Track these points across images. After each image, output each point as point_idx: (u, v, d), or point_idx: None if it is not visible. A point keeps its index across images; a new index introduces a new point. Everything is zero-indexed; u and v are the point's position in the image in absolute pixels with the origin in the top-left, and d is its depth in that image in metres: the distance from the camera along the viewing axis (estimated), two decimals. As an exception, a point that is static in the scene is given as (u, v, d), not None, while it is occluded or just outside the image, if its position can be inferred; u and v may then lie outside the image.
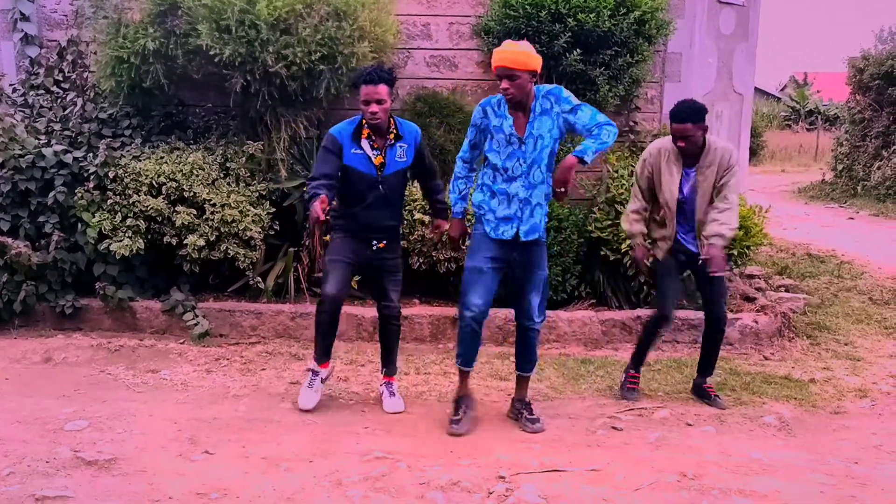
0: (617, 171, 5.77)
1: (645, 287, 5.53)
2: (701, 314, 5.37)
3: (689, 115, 3.94)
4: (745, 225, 5.46)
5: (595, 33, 5.50)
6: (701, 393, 4.36)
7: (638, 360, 4.45)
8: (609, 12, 5.47)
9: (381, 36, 5.35)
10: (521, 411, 3.94)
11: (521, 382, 4.01)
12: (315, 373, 4.16)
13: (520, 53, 3.57)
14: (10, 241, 5.10)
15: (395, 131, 3.91)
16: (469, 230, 3.99)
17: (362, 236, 3.98)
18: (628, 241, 4.97)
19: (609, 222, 5.56)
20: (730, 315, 5.42)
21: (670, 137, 4.09)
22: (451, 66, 6.24)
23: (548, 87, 3.73)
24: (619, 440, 3.78)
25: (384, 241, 4.01)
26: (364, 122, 3.85)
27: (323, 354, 4.12)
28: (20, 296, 5.21)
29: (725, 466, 3.49)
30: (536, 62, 3.61)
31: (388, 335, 4.17)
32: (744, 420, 4.08)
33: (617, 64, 5.68)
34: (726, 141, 4.46)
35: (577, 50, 5.49)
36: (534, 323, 3.86)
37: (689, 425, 3.99)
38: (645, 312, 5.40)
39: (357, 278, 5.10)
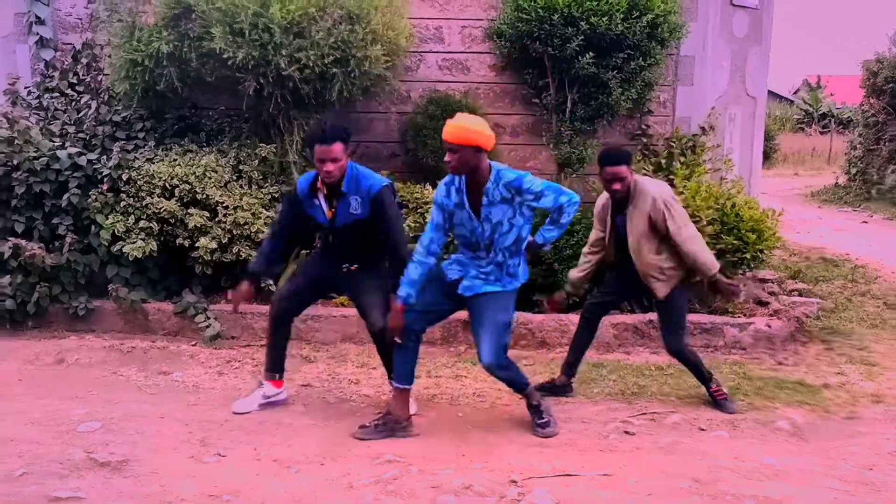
0: (629, 175, 5.74)
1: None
2: (714, 318, 5.38)
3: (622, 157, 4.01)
4: (758, 228, 5.43)
5: (608, 36, 5.49)
6: (711, 399, 4.33)
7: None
8: (622, 15, 5.46)
9: (393, 39, 5.36)
10: (531, 417, 3.93)
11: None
12: (261, 384, 4.17)
13: (464, 129, 3.49)
14: (24, 242, 5.14)
15: (339, 184, 3.82)
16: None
17: (333, 259, 4.03)
18: None
19: (621, 226, 5.54)
20: (743, 319, 5.42)
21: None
22: (464, 69, 6.25)
23: (509, 176, 3.57)
24: (632, 445, 3.75)
25: (355, 266, 4.01)
26: (320, 175, 3.84)
27: (268, 369, 4.14)
28: (34, 297, 5.25)
29: (738, 472, 3.46)
30: (480, 139, 3.50)
31: (381, 351, 4.10)
32: (756, 425, 4.05)
33: (629, 67, 5.67)
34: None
35: (590, 53, 5.48)
36: (484, 364, 3.71)
37: (702, 430, 3.97)
38: (657, 316, 5.36)
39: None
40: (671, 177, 5.79)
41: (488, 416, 4.10)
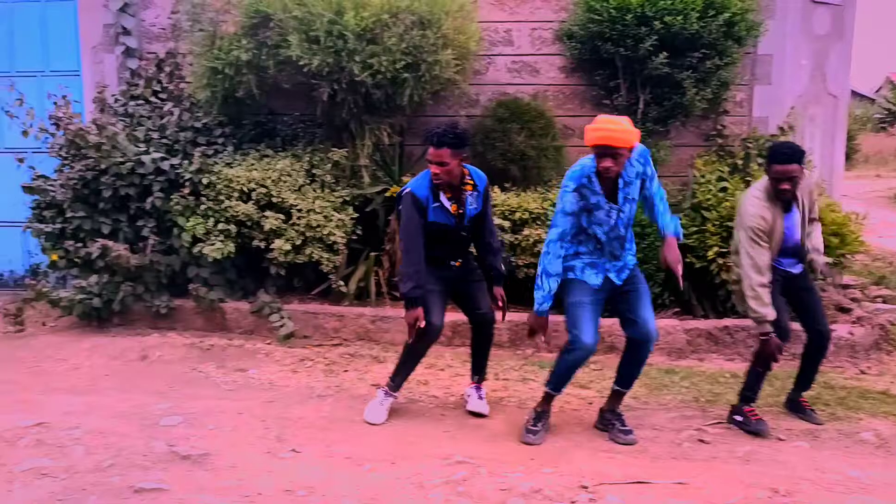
0: (703, 176, 5.62)
1: (732, 296, 5.35)
2: (793, 325, 5.19)
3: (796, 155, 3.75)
4: (840, 232, 5.24)
5: (682, 36, 5.38)
6: (796, 408, 4.19)
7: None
8: (697, 14, 5.35)
9: (463, 43, 5.39)
10: (612, 422, 3.88)
11: (618, 396, 3.94)
12: (388, 393, 4.15)
13: (625, 131, 3.45)
14: (111, 243, 5.37)
15: (471, 182, 3.97)
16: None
17: (439, 263, 4.05)
18: (714, 249, 4.79)
19: (695, 228, 5.42)
20: (823, 327, 5.22)
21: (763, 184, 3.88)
22: (533, 71, 6.22)
23: (638, 147, 3.60)
24: (707, 453, 3.67)
25: (460, 260, 4.12)
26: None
27: (403, 381, 4.15)
28: (119, 296, 5.49)
29: (820, 484, 3.34)
30: (636, 138, 3.52)
31: (484, 342, 4.20)
32: (839, 436, 3.90)
33: (705, 67, 5.55)
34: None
35: (663, 53, 5.39)
36: (650, 338, 3.72)
37: (781, 440, 3.85)
38: (733, 322, 5.23)
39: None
40: (748, 178, 5.64)
41: (557, 420, 4.07)
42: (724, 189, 5.47)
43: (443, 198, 3.94)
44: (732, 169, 5.78)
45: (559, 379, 3.81)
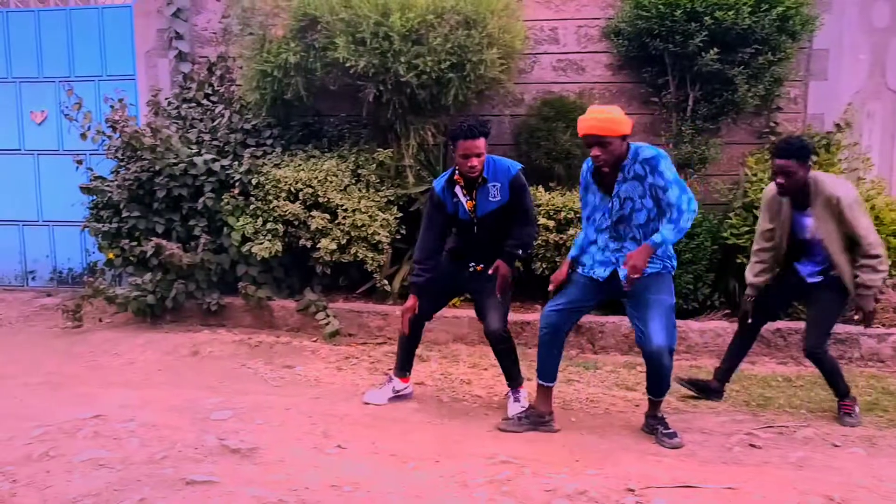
0: (756, 175, 5.49)
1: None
2: (849, 329, 5.05)
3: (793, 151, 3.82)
4: (901, 232, 5.06)
5: (734, 31, 5.28)
6: (838, 412, 4.12)
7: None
8: (749, 9, 5.24)
9: (509, 42, 5.38)
10: (655, 427, 3.82)
11: (653, 403, 3.88)
12: (391, 378, 4.31)
13: (610, 120, 3.48)
14: (165, 242, 5.51)
15: (480, 175, 3.94)
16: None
17: (460, 260, 4.13)
18: None
19: (746, 228, 5.30)
20: (882, 330, 5.07)
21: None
22: (579, 69, 6.17)
23: (648, 153, 3.54)
24: (758, 458, 3.58)
25: (482, 266, 4.10)
26: (456, 170, 3.98)
27: (399, 368, 4.32)
28: (172, 293, 5.63)
29: (877, 492, 3.23)
30: (627, 126, 3.52)
31: (498, 356, 4.15)
32: (898, 443, 3.77)
33: (757, 62, 5.43)
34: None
35: (714, 49, 5.29)
36: (653, 347, 3.58)
37: (836, 446, 3.73)
38: (785, 325, 5.11)
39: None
40: (801, 177, 5.49)
41: (602, 422, 4.03)
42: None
43: (459, 192, 4.00)
44: (785, 167, 5.63)
45: (539, 364, 3.93)
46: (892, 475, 3.39)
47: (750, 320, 4.26)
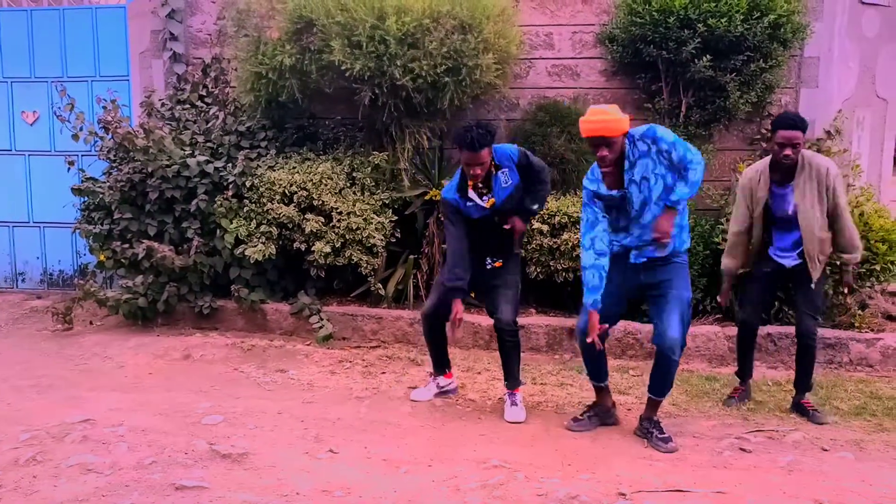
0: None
1: (776, 303, 5.26)
2: (838, 333, 5.09)
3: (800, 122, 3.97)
4: (889, 238, 5.10)
5: (726, 38, 5.31)
6: (800, 409, 4.22)
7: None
8: (742, 16, 5.27)
9: (504, 47, 5.40)
10: (650, 430, 3.84)
11: (652, 404, 3.90)
12: (434, 376, 4.46)
13: (614, 120, 3.57)
14: (156, 244, 5.50)
15: (490, 168, 4.04)
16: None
17: (478, 254, 4.19)
18: None
19: (737, 235, 5.33)
20: (870, 335, 5.10)
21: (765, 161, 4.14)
22: (573, 75, 6.19)
23: (640, 130, 3.66)
24: (748, 462, 3.61)
25: (500, 261, 4.21)
26: (463, 173, 4.09)
27: (436, 366, 4.43)
28: (163, 296, 5.61)
29: (866, 496, 3.26)
30: (627, 123, 3.63)
31: (503, 349, 4.20)
32: (886, 448, 3.80)
33: (749, 69, 5.47)
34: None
35: (707, 56, 5.32)
36: (666, 341, 3.66)
37: (825, 450, 3.76)
38: (776, 329, 5.14)
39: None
40: (793, 184, 5.53)
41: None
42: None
43: (471, 194, 4.08)
44: (777, 173, 5.67)
45: (589, 369, 4.02)
46: (880, 479, 3.43)
47: (740, 312, 4.39)
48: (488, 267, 4.22)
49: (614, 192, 3.71)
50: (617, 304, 3.88)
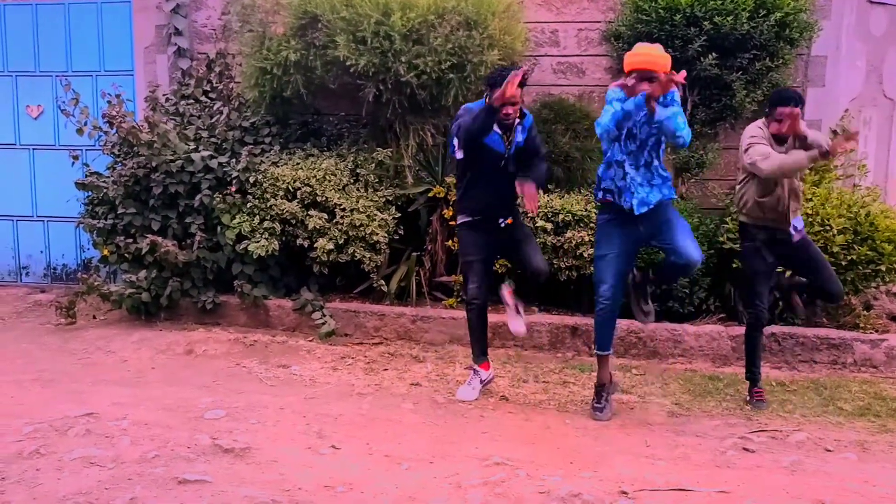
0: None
1: (780, 303, 5.24)
2: (842, 334, 5.06)
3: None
4: (895, 240, 5.07)
5: (732, 36, 5.29)
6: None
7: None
8: (748, 14, 5.25)
9: (509, 44, 5.38)
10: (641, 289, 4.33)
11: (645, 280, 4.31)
12: (475, 371, 4.45)
13: (661, 56, 3.77)
14: (160, 239, 5.49)
15: (519, 113, 4.21)
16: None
17: (488, 217, 4.29)
18: None
19: (742, 234, 5.31)
20: (875, 335, 5.09)
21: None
22: (579, 72, 6.18)
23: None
24: (751, 462, 3.59)
25: (511, 218, 4.32)
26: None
27: (479, 354, 4.44)
28: (167, 291, 5.61)
29: (869, 497, 3.24)
30: (669, 64, 3.80)
31: (530, 282, 4.48)
32: (890, 448, 3.79)
33: (755, 68, 5.44)
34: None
35: (713, 54, 5.30)
36: (693, 261, 3.93)
37: (828, 451, 3.75)
38: (780, 329, 5.12)
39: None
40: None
41: (597, 424, 4.04)
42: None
43: (496, 127, 4.18)
44: (782, 173, 5.65)
45: (599, 337, 4.13)
46: (883, 480, 3.41)
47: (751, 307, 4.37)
48: (502, 226, 4.32)
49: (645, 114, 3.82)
50: (627, 263, 4.10)
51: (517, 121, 4.21)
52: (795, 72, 5.85)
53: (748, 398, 4.39)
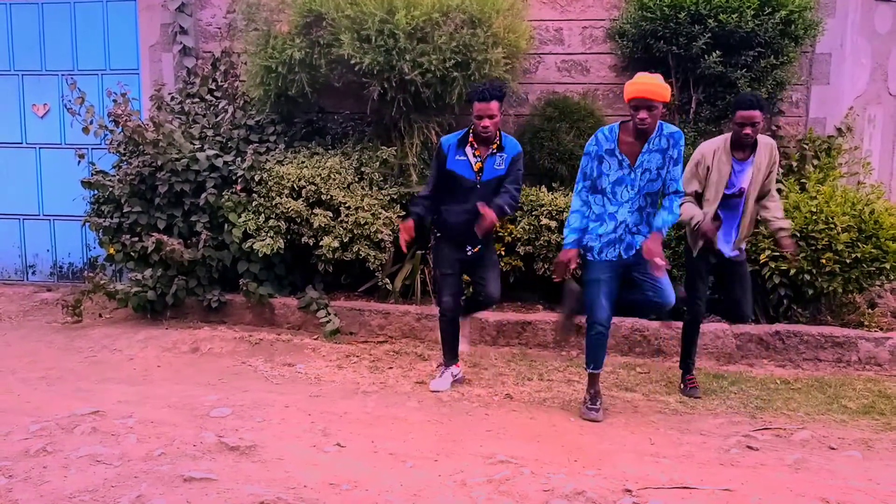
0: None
1: (785, 301, 5.24)
2: (847, 332, 5.06)
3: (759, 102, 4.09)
4: (899, 237, 5.07)
5: (737, 34, 5.29)
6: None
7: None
8: (753, 12, 5.24)
9: (513, 42, 5.38)
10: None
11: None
12: (446, 366, 4.55)
13: (660, 86, 3.74)
14: (165, 238, 5.51)
15: (498, 143, 4.25)
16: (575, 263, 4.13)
17: (458, 243, 4.36)
18: (767, 252, 4.90)
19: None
20: (879, 334, 5.08)
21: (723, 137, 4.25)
22: (583, 70, 6.18)
23: (672, 128, 3.89)
24: (755, 460, 3.60)
25: (478, 247, 4.38)
26: (471, 131, 4.26)
27: (451, 358, 4.54)
28: (172, 289, 5.63)
29: (874, 495, 3.24)
30: (668, 96, 3.80)
31: (478, 308, 4.62)
32: (894, 446, 3.78)
33: (759, 66, 5.44)
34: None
35: (717, 52, 5.30)
36: (671, 301, 4.00)
37: (832, 449, 3.75)
38: (784, 327, 5.12)
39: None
40: (803, 180, 5.51)
41: (601, 422, 4.04)
42: (778, 191, 5.34)
43: (469, 151, 4.23)
44: (787, 171, 5.65)
45: (590, 356, 4.11)
46: (888, 478, 3.41)
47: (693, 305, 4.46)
48: (469, 254, 4.38)
49: (626, 164, 3.87)
50: (617, 286, 4.10)
51: (495, 149, 4.22)
52: (800, 69, 5.84)
53: (682, 387, 4.51)
